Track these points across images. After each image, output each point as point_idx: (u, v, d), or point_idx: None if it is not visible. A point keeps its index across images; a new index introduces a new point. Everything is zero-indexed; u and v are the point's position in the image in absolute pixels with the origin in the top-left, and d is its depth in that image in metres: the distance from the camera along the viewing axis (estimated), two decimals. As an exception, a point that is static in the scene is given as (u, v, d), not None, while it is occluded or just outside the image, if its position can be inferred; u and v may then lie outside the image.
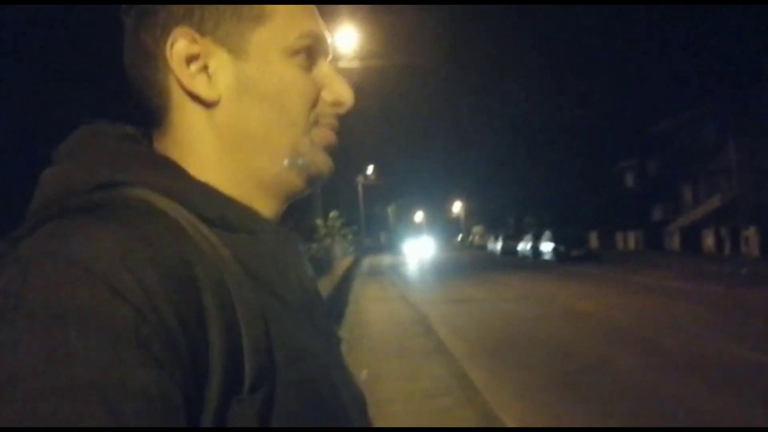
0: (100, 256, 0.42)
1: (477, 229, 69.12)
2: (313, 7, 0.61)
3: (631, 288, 14.85)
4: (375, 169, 49.66)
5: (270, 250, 0.56)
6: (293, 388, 0.50)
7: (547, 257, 30.95)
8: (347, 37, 13.36)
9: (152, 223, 0.47)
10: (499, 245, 43.67)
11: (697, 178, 33.54)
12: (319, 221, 12.88)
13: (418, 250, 54.57)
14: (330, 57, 0.62)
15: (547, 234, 31.90)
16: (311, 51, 0.59)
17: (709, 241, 27.87)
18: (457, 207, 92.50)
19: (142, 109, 0.58)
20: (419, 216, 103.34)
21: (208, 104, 0.56)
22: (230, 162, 0.57)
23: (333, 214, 14.70)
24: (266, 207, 0.59)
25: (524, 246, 36.65)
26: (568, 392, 5.82)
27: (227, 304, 0.47)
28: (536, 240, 33.87)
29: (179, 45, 0.54)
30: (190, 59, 0.55)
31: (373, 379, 6.52)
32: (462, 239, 78.44)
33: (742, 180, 29.49)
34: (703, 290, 13.54)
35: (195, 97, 0.55)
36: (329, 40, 0.62)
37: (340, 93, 0.60)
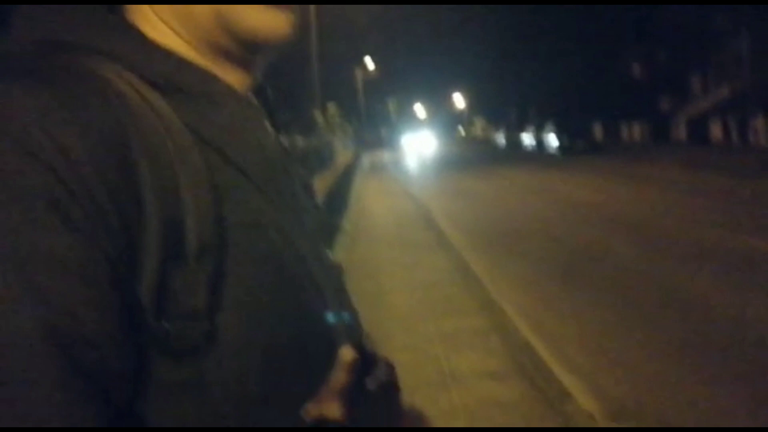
0: (13, 116, 0.41)
1: (479, 122, 68.37)
2: None
3: (635, 179, 14.79)
4: (374, 62, 48.40)
5: (227, 116, 0.53)
6: (250, 257, 0.49)
7: (551, 150, 30.74)
8: None
9: (81, 85, 0.45)
10: (502, 138, 43.21)
11: (706, 67, 32.63)
12: (317, 114, 12.62)
13: (419, 145, 53.87)
14: None
15: (550, 126, 31.49)
16: None
17: (716, 131, 27.51)
18: (458, 100, 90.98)
19: None
20: (420, 110, 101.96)
21: None
22: (177, 32, 0.53)
23: (331, 106, 14.40)
24: (228, 75, 0.55)
25: (528, 139, 36.34)
26: (569, 281, 5.86)
27: (167, 170, 0.45)
28: (539, 132, 33.51)
29: None
30: None
31: (376, 270, 6.57)
32: (466, 132, 77.81)
33: (753, 69, 28.66)
34: (708, 181, 13.47)
35: None
36: None
37: None
